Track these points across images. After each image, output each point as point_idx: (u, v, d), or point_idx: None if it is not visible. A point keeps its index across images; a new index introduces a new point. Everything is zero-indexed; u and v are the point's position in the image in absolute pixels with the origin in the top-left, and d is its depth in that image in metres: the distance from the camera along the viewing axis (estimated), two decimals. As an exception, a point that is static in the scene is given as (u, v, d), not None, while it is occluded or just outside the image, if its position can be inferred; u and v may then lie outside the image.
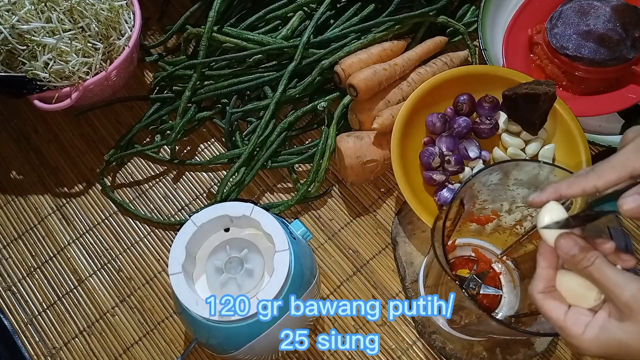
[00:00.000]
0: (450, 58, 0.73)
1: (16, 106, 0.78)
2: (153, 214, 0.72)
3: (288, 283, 0.51)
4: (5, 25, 0.64)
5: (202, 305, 0.49)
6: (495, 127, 0.65)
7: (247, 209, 0.53)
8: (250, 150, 0.69)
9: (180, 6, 0.85)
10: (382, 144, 0.67)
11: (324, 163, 0.69)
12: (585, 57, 0.69)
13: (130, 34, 0.70)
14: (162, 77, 0.76)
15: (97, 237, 0.71)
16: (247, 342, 0.52)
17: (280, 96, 0.70)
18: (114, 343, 0.65)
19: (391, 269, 0.68)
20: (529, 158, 0.65)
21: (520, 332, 0.47)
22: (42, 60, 0.64)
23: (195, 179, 0.74)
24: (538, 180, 0.50)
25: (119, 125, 0.77)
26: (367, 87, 0.67)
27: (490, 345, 0.61)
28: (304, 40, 0.71)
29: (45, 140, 0.77)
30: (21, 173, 0.75)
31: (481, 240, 0.63)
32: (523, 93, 0.62)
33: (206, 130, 0.77)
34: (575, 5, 0.71)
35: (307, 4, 0.75)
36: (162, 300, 0.67)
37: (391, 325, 0.65)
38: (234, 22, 0.76)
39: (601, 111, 0.71)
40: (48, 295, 0.68)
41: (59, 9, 0.66)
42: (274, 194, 0.73)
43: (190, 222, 0.52)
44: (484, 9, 0.77)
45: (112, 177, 0.74)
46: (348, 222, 0.71)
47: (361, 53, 0.70)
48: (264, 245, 0.54)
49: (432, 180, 0.63)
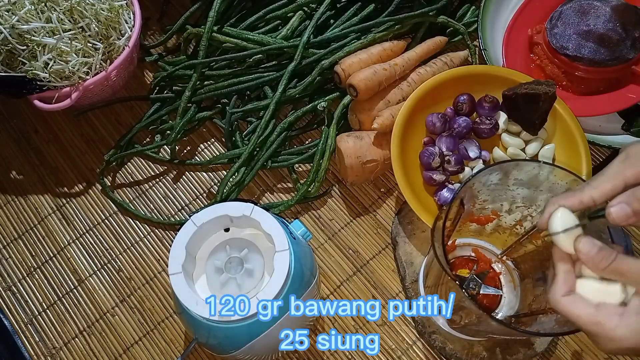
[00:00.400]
0: (450, 58, 0.73)
1: (16, 106, 0.78)
2: (153, 214, 0.72)
3: (288, 283, 0.51)
4: (5, 25, 0.64)
5: (202, 305, 0.49)
6: (495, 127, 0.65)
7: (247, 209, 0.53)
8: (250, 150, 0.69)
9: (180, 6, 0.85)
10: (382, 144, 0.67)
11: (324, 163, 0.69)
12: (585, 57, 0.69)
13: (130, 34, 0.70)
14: (162, 77, 0.76)
15: (97, 237, 0.71)
16: (247, 342, 0.52)
17: (280, 96, 0.70)
18: (114, 343, 0.65)
19: (391, 269, 0.68)
20: (529, 158, 0.65)
21: (520, 332, 0.47)
22: (42, 60, 0.64)
23: (195, 179, 0.74)
24: (538, 180, 0.50)
25: (119, 125, 0.77)
26: (367, 87, 0.67)
27: (490, 345, 0.61)
28: (304, 40, 0.71)
29: (45, 140, 0.77)
30: (21, 173, 0.75)
31: (481, 240, 0.63)
32: (523, 93, 0.62)
33: (206, 130, 0.77)
34: (575, 5, 0.71)
35: (307, 4, 0.75)
36: (162, 300, 0.67)
37: (391, 325, 0.65)
38: (234, 22, 0.76)
39: (601, 111, 0.71)
40: (48, 295, 0.68)
41: (59, 9, 0.66)
42: (274, 194, 0.73)
43: (190, 222, 0.52)
44: (484, 9, 0.77)
45: (112, 177, 0.74)
46: (348, 222, 0.71)
47: (361, 53, 0.70)
48: (264, 245, 0.54)
49: (432, 180, 0.63)
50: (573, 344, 0.63)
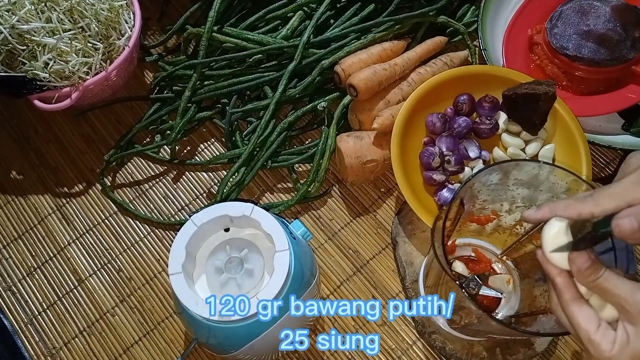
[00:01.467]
0: (450, 58, 0.73)
1: (16, 106, 0.78)
2: (153, 214, 0.72)
3: (288, 283, 0.51)
4: (5, 25, 0.64)
5: (202, 305, 0.49)
6: (495, 127, 0.65)
7: (247, 209, 0.53)
8: (250, 150, 0.69)
9: (180, 6, 0.85)
10: (382, 144, 0.67)
11: (324, 163, 0.69)
12: (585, 57, 0.69)
13: (130, 34, 0.70)
14: (162, 77, 0.76)
15: (97, 237, 0.71)
16: (247, 342, 0.52)
17: (280, 96, 0.70)
18: (114, 343, 0.65)
19: (391, 269, 0.68)
20: (529, 158, 0.65)
21: (520, 332, 0.47)
22: (42, 60, 0.64)
23: (195, 179, 0.74)
24: (538, 180, 0.50)
25: (119, 125, 0.77)
26: (367, 87, 0.67)
27: (490, 345, 0.61)
28: (304, 40, 0.71)
29: (45, 140, 0.77)
30: (21, 173, 0.75)
31: (481, 240, 0.63)
32: (523, 93, 0.62)
33: (206, 130, 0.77)
34: (575, 5, 0.71)
35: (307, 4, 0.75)
36: (162, 300, 0.67)
37: (391, 325, 0.65)
38: (234, 22, 0.76)
39: (601, 111, 0.71)
40: (48, 295, 0.68)
41: (59, 9, 0.66)
42: (274, 194, 0.73)
43: (190, 222, 0.52)
44: (484, 9, 0.77)
45: (112, 177, 0.74)
46: (348, 222, 0.71)
47: (361, 53, 0.70)
48: (264, 245, 0.54)
49: (432, 180, 0.63)
50: (573, 344, 0.63)
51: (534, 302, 0.56)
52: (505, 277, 0.60)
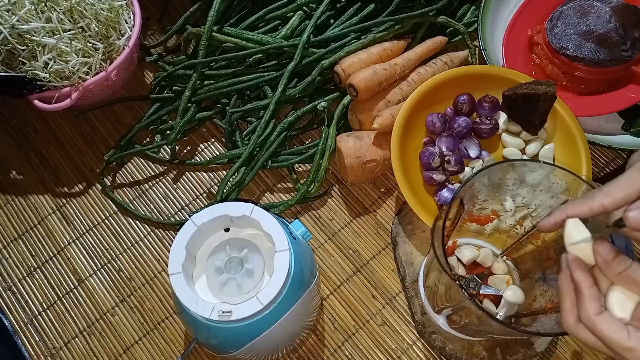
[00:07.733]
0: (450, 58, 0.73)
1: (16, 106, 0.78)
2: (153, 214, 0.72)
3: (288, 283, 0.51)
4: (5, 25, 0.64)
5: (202, 305, 0.49)
6: (495, 127, 0.65)
7: (247, 209, 0.53)
8: (250, 150, 0.69)
9: (180, 6, 0.85)
10: (382, 144, 0.67)
11: (324, 163, 0.69)
12: (585, 57, 0.69)
13: (130, 34, 0.70)
14: (162, 77, 0.76)
15: (97, 237, 0.71)
16: (247, 342, 0.52)
17: (280, 96, 0.70)
18: (114, 343, 0.65)
19: (391, 269, 0.68)
20: (529, 158, 0.65)
21: (520, 332, 0.47)
22: (42, 60, 0.64)
23: (195, 179, 0.74)
24: (538, 180, 0.50)
25: (119, 125, 0.77)
26: (367, 87, 0.67)
27: (490, 345, 0.61)
28: (304, 40, 0.71)
29: (45, 140, 0.77)
30: (21, 173, 0.75)
31: (481, 240, 0.63)
32: (523, 93, 0.62)
33: (206, 130, 0.77)
34: (575, 6, 0.71)
35: (307, 4, 0.75)
36: (162, 300, 0.67)
37: (391, 325, 0.65)
38: (234, 22, 0.76)
39: (601, 111, 0.71)
40: (48, 295, 0.68)
41: (59, 9, 0.66)
42: (274, 194, 0.73)
43: (190, 222, 0.52)
44: (484, 9, 0.77)
45: (112, 177, 0.74)
46: (348, 222, 0.71)
47: (361, 53, 0.70)
48: (264, 245, 0.54)
49: (432, 180, 0.63)
50: (573, 344, 0.63)
51: (534, 302, 0.56)
52: (505, 277, 0.60)
